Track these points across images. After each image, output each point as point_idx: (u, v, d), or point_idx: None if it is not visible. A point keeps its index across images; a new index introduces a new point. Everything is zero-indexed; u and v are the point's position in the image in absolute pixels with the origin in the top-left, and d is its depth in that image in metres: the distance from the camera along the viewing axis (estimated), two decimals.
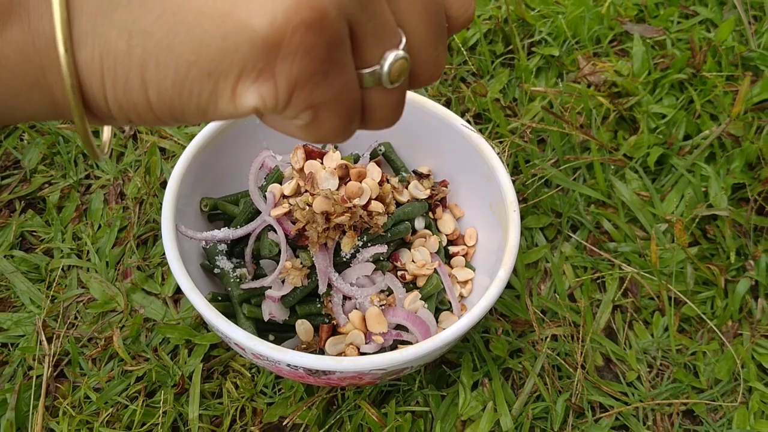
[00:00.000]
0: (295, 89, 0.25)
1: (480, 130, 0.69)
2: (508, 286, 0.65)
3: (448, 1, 0.29)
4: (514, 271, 0.63)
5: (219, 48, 0.24)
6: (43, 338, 0.61)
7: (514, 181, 0.58)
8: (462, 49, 0.80)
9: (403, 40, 0.27)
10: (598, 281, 0.67)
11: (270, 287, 0.55)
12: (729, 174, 0.71)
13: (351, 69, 0.26)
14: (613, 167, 0.73)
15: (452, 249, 0.62)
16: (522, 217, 0.68)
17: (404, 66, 0.27)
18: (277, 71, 0.24)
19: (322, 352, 0.55)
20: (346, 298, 0.55)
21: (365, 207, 0.55)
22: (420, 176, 0.62)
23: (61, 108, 0.26)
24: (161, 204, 0.54)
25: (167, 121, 0.27)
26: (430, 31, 0.28)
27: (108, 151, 0.32)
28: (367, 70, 0.27)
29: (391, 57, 0.26)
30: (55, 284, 0.65)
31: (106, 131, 0.33)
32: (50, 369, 0.60)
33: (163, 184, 0.70)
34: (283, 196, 0.56)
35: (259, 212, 0.57)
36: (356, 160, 0.62)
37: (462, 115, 0.74)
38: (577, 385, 0.59)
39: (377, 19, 0.26)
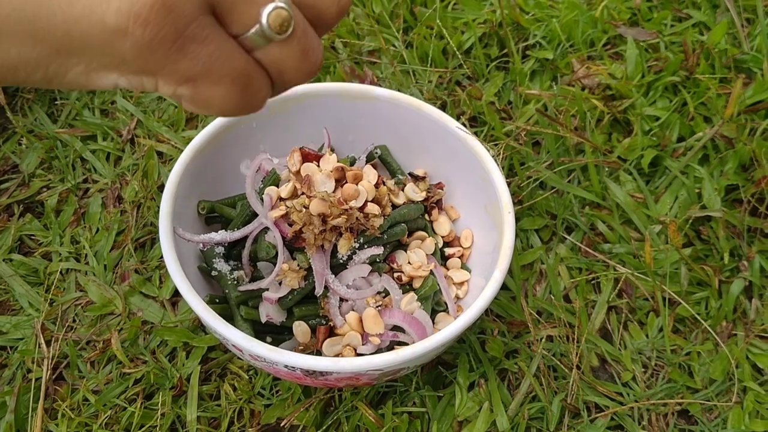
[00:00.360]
0: (154, 71, 0.26)
1: (475, 133, 0.69)
2: (504, 287, 0.65)
3: None
4: (510, 272, 0.63)
5: (68, 29, 0.24)
6: (42, 341, 0.62)
7: (509, 184, 0.58)
8: (457, 52, 0.81)
9: None
10: (592, 282, 0.67)
11: (267, 289, 0.55)
12: (722, 175, 0.72)
13: (218, 39, 0.26)
14: (607, 169, 0.73)
15: (448, 251, 0.63)
16: (517, 219, 0.69)
17: (283, 14, 0.27)
18: (128, 56, 0.25)
19: (319, 353, 0.55)
20: (342, 299, 0.55)
21: (362, 209, 0.55)
22: (416, 178, 0.63)
23: None
24: (159, 207, 0.54)
25: (4, 82, 0.27)
26: None
27: None
28: (251, 32, 0.27)
29: (265, 11, 0.26)
30: (53, 287, 0.65)
31: None
32: (49, 372, 0.60)
33: (161, 188, 0.71)
34: (280, 199, 0.57)
35: (256, 215, 0.58)
36: (352, 162, 0.63)
37: (457, 119, 0.75)
38: (572, 385, 0.60)
39: None
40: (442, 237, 0.63)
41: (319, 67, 0.30)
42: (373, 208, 0.56)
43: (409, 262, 0.58)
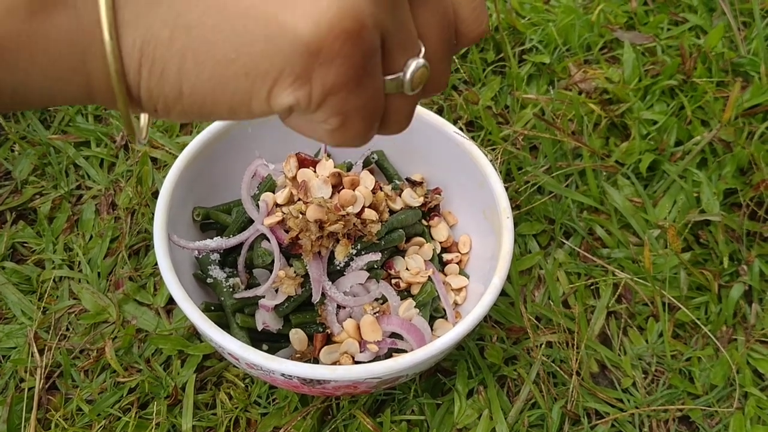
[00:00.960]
0: (329, 94, 0.26)
1: (472, 138, 0.69)
2: (502, 293, 0.64)
3: (461, 16, 0.30)
4: (508, 278, 0.63)
5: (261, 49, 0.25)
6: (35, 350, 0.61)
7: (506, 188, 0.58)
8: (453, 57, 0.80)
9: (423, 49, 0.28)
10: (591, 287, 0.67)
11: (263, 296, 0.54)
12: (721, 179, 0.71)
13: (380, 77, 0.27)
14: (605, 174, 0.73)
15: (446, 256, 0.62)
16: (515, 224, 0.68)
17: (425, 74, 0.28)
18: (314, 76, 0.25)
19: (316, 361, 0.54)
20: (340, 306, 0.55)
21: (359, 215, 0.55)
22: (413, 184, 0.62)
23: (96, 94, 0.27)
24: (153, 214, 0.54)
25: (192, 116, 0.27)
26: (443, 43, 0.29)
27: (147, 135, 0.33)
28: (391, 77, 0.28)
29: (413, 65, 0.27)
30: (46, 295, 0.64)
31: (143, 116, 0.33)
32: (42, 381, 0.60)
33: (155, 194, 0.70)
34: (276, 205, 0.56)
35: (251, 221, 0.57)
36: (349, 168, 0.62)
37: (454, 123, 0.74)
38: (572, 391, 0.59)
39: (404, 30, 0.27)
40: (440, 243, 0.63)
41: (405, 127, 0.31)
42: (370, 214, 0.55)
43: (407, 268, 0.58)
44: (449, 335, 0.49)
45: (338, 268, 0.55)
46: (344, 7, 0.24)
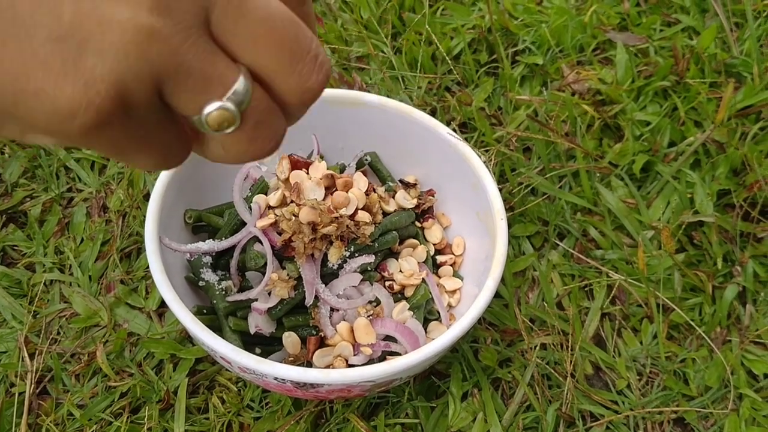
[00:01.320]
0: (89, 144, 0.25)
1: (465, 139, 0.69)
2: (496, 294, 0.64)
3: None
4: (502, 279, 0.63)
5: (15, 101, 0.24)
6: (26, 354, 0.60)
7: (500, 190, 0.58)
8: (446, 58, 0.80)
9: (233, 87, 0.26)
10: (585, 289, 0.66)
11: (256, 299, 0.54)
12: (714, 180, 0.71)
13: (155, 120, 0.26)
14: (598, 175, 0.73)
15: (440, 258, 0.62)
16: (509, 226, 0.68)
17: (225, 115, 0.26)
18: (73, 134, 0.24)
19: (309, 364, 0.54)
20: (333, 309, 0.54)
21: (352, 217, 0.54)
22: (406, 185, 0.62)
23: None
24: (144, 216, 0.53)
25: None
26: (277, 58, 0.26)
27: None
28: (194, 118, 0.26)
29: (207, 109, 0.26)
30: (37, 299, 0.64)
31: None
32: (33, 386, 0.59)
33: (147, 197, 0.69)
34: (269, 207, 0.56)
35: (244, 224, 0.57)
36: (342, 169, 0.62)
37: (447, 125, 0.74)
38: (567, 394, 0.59)
39: (189, 78, 0.25)
40: (434, 244, 0.62)
41: (271, 151, 0.28)
42: (363, 216, 0.55)
43: (400, 271, 0.58)
44: (443, 338, 0.48)
45: (331, 270, 0.54)
46: (100, 87, 0.23)
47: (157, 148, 0.27)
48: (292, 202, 0.55)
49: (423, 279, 0.57)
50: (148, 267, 0.51)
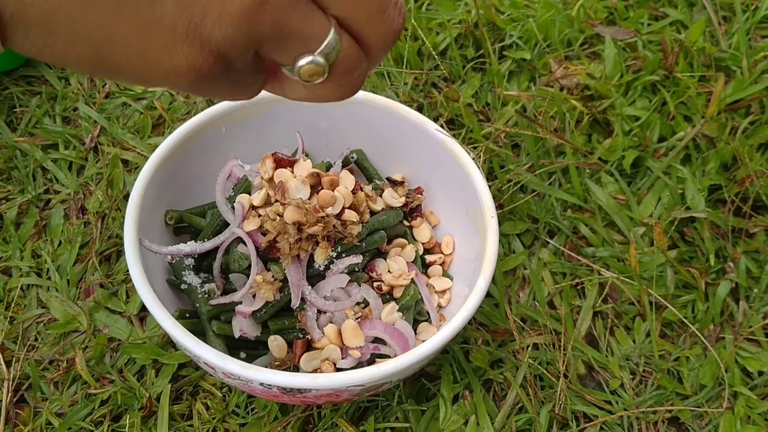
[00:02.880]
0: (192, 91, 0.29)
1: (453, 136, 0.67)
2: (487, 294, 0.63)
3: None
4: (492, 279, 0.61)
5: (138, 56, 0.26)
6: (2, 362, 0.58)
7: (489, 187, 0.56)
8: (433, 53, 0.79)
9: (326, 41, 0.28)
10: (577, 287, 0.65)
11: (240, 302, 0.52)
12: (705, 175, 0.70)
13: (253, 77, 0.30)
14: (588, 171, 0.72)
15: (429, 258, 0.60)
16: (498, 224, 0.67)
17: (315, 69, 0.28)
18: (179, 85, 0.28)
19: (296, 368, 0.52)
20: (320, 311, 0.53)
21: (339, 216, 0.53)
22: (394, 183, 0.60)
23: None
24: (124, 218, 0.51)
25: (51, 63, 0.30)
26: (368, 8, 0.29)
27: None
28: (287, 67, 0.29)
29: (300, 62, 0.28)
30: (13, 304, 0.62)
31: None
32: (9, 394, 0.57)
33: (126, 197, 0.67)
34: (252, 207, 0.54)
35: (227, 224, 0.55)
36: (328, 168, 0.60)
37: (434, 121, 0.73)
38: (560, 394, 0.58)
39: (289, 38, 0.27)
40: (423, 244, 0.61)
41: (354, 93, 0.32)
42: (350, 215, 0.53)
43: (389, 271, 0.56)
44: (434, 340, 0.47)
45: (318, 271, 0.53)
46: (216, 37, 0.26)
47: (246, 90, 0.31)
48: (276, 201, 0.53)
49: (412, 279, 0.56)
50: (128, 270, 0.49)
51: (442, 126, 0.68)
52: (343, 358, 0.52)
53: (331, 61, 0.29)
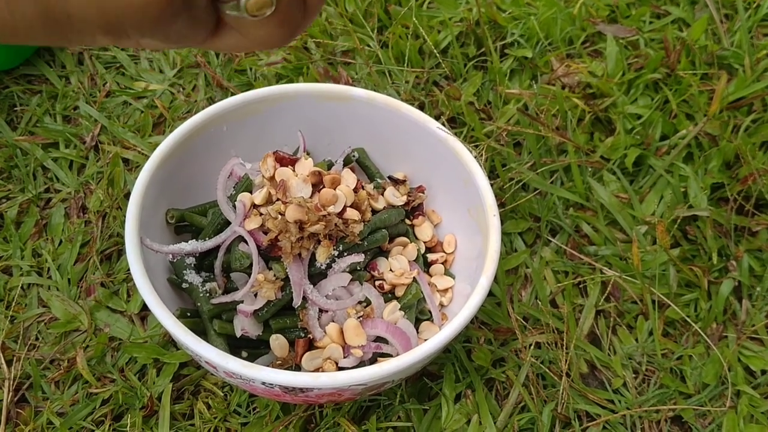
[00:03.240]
0: (151, 36, 0.29)
1: (455, 134, 0.67)
2: (489, 293, 0.63)
3: None
4: (494, 277, 0.61)
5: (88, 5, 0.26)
6: (2, 361, 0.58)
7: (491, 186, 0.56)
8: (434, 52, 0.78)
9: None
10: (579, 286, 0.65)
11: (242, 301, 0.52)
12: (707, 174, 0.70)
13: (205, 12, 0.29)
14: (590, 169, 0.71)
15: (431, 256, 0.60)
16: (500, 222, 0.67)
17: (263, 1, 0.29)
18: (139, 26, 0.28)
19: (298, 367, 0.52)
20: (322, 310, 0.53)
21: (340, 215, 0.53)
22: (396, 182, 0.60)
23: None
24: (125, 217, 0.51)
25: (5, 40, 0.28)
26: None
27: None
28: (229, 4, 0.29)
29: None
30: (14, 303, 0.62)
31: None
32: (10, 394, 0.57)
33: (127, 196, 0.67)
34: (254, 206, 0.54)
35: (228, 223, 0.55)
36: (330, 166, 0.60)
37: (436, 120, 0.72)
38: (562, 393, 0.58)
39: None
40: (425, 242, 0.61)
41: (289, 41, 0.32)
42: (352, 214, 0.53)
43: (390, 270, 0.56)
44: (436, 339, 0.47)
45: (320, 270, 0.53)
46: None
47: (202, 28, 0.30)
48: (278, 200, 0.53)
49: (414, 278, 0.55)
50: (129, 269, 0.49)
51: (443, 124, 0.67)
52: (344, 357, 0.52)
53: None
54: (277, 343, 0.52)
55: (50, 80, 0.78)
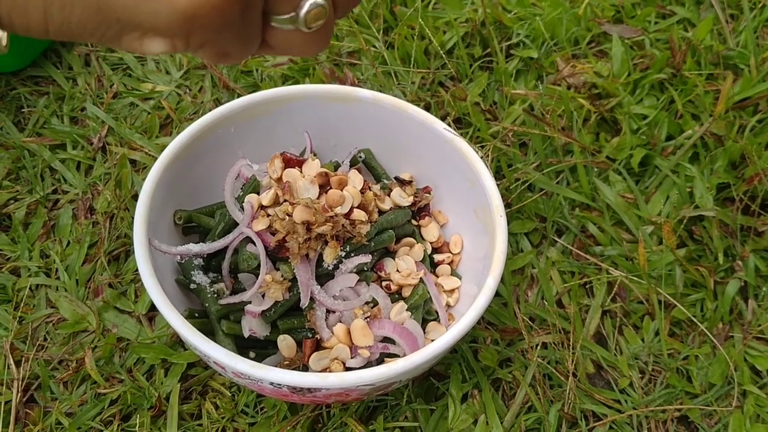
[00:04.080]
0: (202, 47, 0.29)
1: (461, 135, 0.67)
2: (495, 293, 0.63)
3: None
4: (501, 278, 0.61)
5: (136, 5, 0.26)
6: (11, 362, 0.58)
7: (497, 186, 0.56)
8: (440, 52, 0.78)
9: None
10: (585, 286, 0.65)
11: (250, 302, 0.52)
12: (713, 174, 0.70)
13: (258, 26, 0.30)
14: (596, 170, 0.71)
15: (437, 257, 0.60)
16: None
17: (320, 12, 0.29)
18: (191, 35, 0.28)
19: (305, 368, 0.52)
20: (329, 311, 0.53)
21: (347, 216, 0.53)
22: (402, 183, 0.60)
23: None
24: (133, 218, 0.51)
25: (59, 39, 0.28)
26: None
27: (7, 44, 0.32)
28: (285, 17, 0.29)
29: (306, 5, 0.29)
30: (22, 304, 0.62)
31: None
32: (19, 394, 0.57)
33: (135, 197, 0.68)
34: (261, 207, 0.54)
35: (236, 224, 0.55)
36: (336, 167, 0.60)
37: (442, 120, 0.73)
38: (569, 393, 0.58)
39: None
40: (431, 243, 0.61)
41: (326, 45, 0.32)
42: (359, 215, 0.53)
43: (397, 270, 0.56)
44: (443, 339, 0.47)
45: (327, 271, 0.53)
46: None
47: (250, 44, 0.30)
48: (285, 201, 0.53)
49: (421, 278, 0.56)
50: (137, 270, 0.49)
51: (449, 125, 0.68)
52: (352, 358, 0.52)
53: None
54: (285, 343, 0.53)
55: (57, 82, 0.79)
